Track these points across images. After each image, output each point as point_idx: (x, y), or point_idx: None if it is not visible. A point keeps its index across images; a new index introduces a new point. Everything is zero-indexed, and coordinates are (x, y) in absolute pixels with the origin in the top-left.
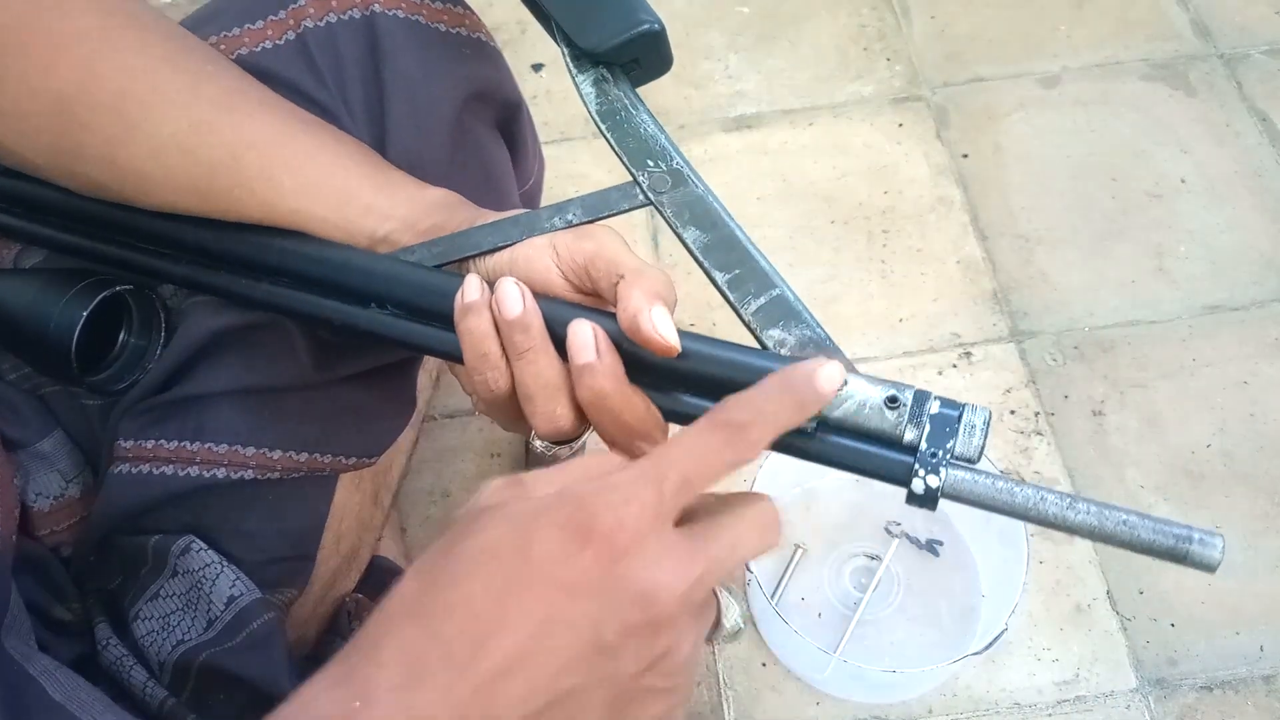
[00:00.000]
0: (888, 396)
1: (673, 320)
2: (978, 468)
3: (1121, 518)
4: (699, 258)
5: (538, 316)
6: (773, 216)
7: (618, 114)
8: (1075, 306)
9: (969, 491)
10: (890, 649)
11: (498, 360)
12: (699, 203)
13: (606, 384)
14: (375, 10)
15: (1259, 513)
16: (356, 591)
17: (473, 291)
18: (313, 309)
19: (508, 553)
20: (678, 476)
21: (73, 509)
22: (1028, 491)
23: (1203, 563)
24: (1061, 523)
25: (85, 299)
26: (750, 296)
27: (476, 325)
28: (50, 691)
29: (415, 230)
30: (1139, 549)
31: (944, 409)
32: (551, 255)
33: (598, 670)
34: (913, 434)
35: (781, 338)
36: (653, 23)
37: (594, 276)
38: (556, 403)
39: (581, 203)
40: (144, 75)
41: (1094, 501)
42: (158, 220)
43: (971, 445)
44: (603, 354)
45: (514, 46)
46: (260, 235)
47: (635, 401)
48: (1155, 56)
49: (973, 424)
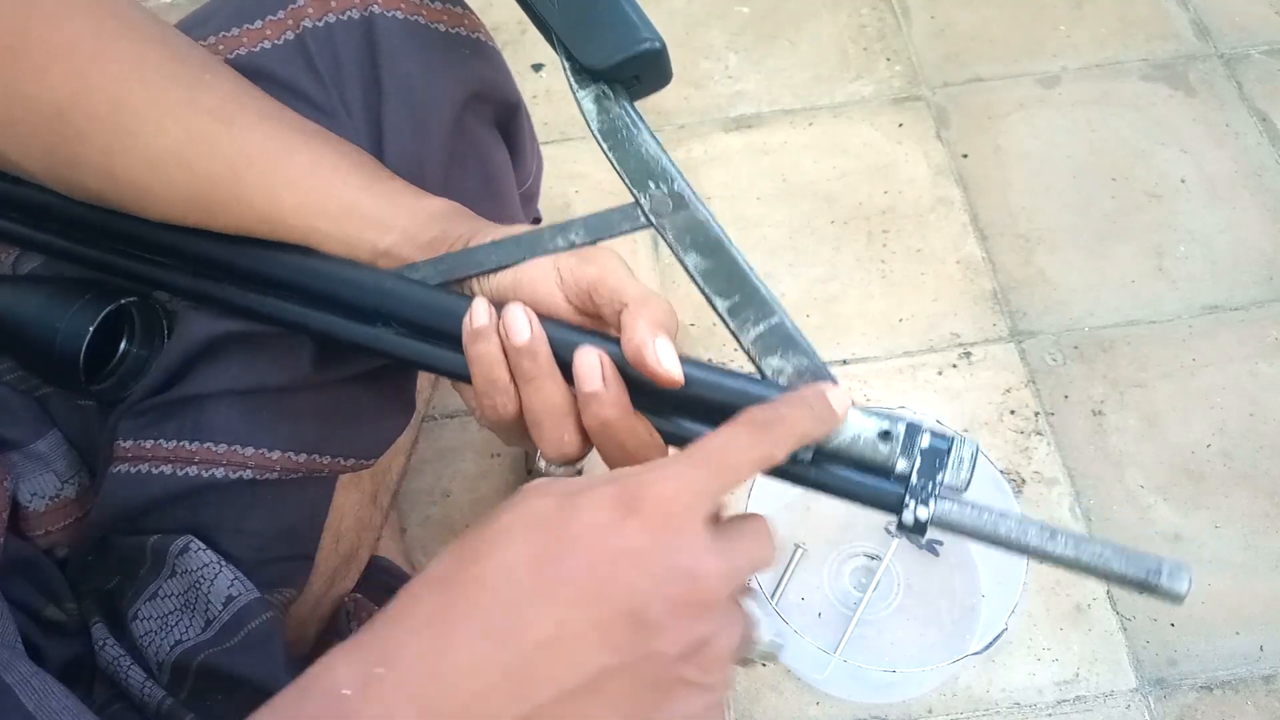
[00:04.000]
0: (881, 430)
1: (675, 350)
2: (965, 499)
3: (1097, 550)
4: (699, 283)
5: (544, 343)
6: (773, 216)
7: (619, 133)
8: (1075, 306)
9: (956, 522)
10: (890, 649)
11: (506, 386)
12: (700, 228)
13: (612, 413)
14: (374, 11)
15: (1259, 513)
16: (356, 591)
17: (481, 316)
18: (319, 325)
19: (551, 522)
20: (718, 464)
21: (68, 509)
22: (1010, 524)
23: (1170, 594)
24: (1041, 553)
25: (93, 311)
26: (749, 324)
27: (486, 351)
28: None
29: (416, 242)
30: (1113, 580)
31: (934, 443)
32: (555, 278)
33: (639, 647)
34: (904, 465)
35: (780, 366)
36: (654, 41)
37: (597, 302)
38: (564, 429)
39: (584, 224)
40: (140, 85)
41: (1072, 534)
42: (160, 230)
43: (960, 477)
44: (609, 383)
45: (514, 46)
46: (265, 249)
47: (638, 428)
48: (1155, 56)
49: (961, 458)
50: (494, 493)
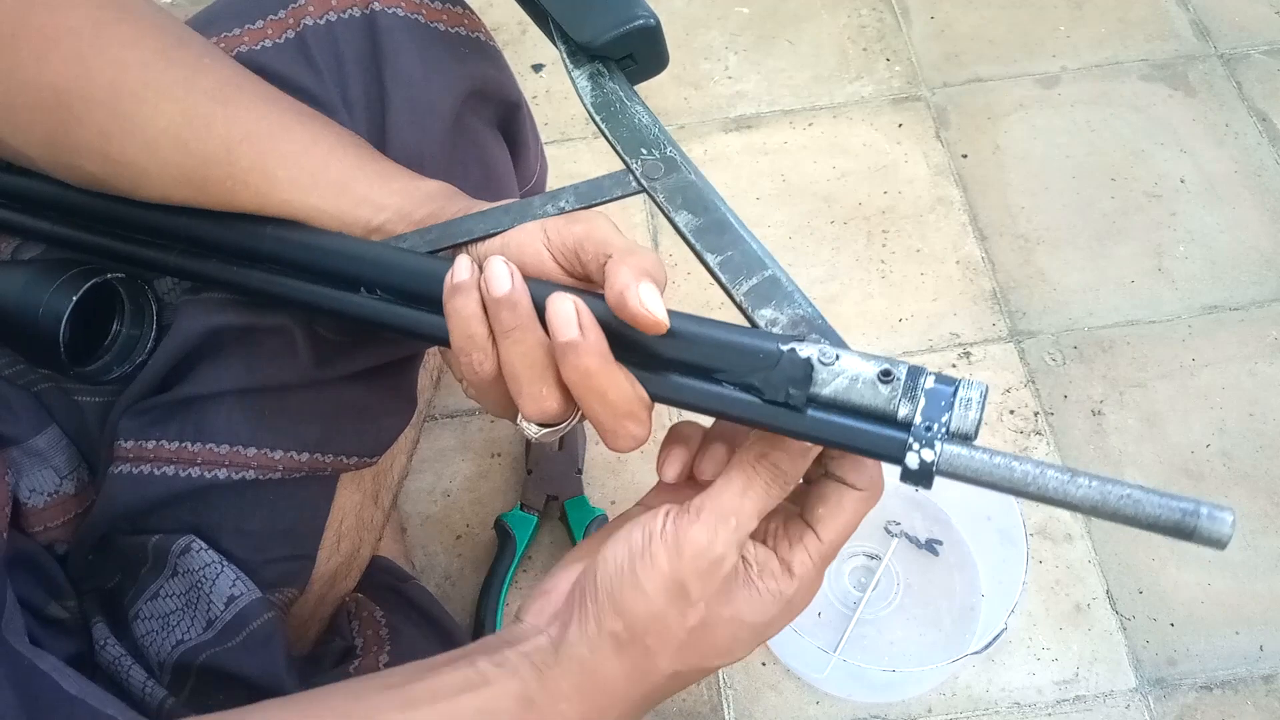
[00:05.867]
0: (881, 371)
1: (662, 298)
2: (975, 444)
3: (1125, 492)
4: (690, 240)
5: (525, 295)
6: (772, 216)
7: (612, 106)
8: (1075, 306)
9: (965, 467)
10: (890, 648)
11: (484, 342)
12: (691, 188)
13: (591, 362)
14: (375, 9)
15: (1258, 512)
16: (357, 591)
17: (462, 271)
18: (305, 295)
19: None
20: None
21: (67, 506)
22: (1027, 467)
23: (1212, 538)
24: (1063, 498)
25: (74, 286)
26: (742, 278)
27: (464, 305)
28: (65, 686)
29: (410, 221)
30: (1144, 525)
31: (939, 384)
32: (543, 239)
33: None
34: (907, 409)
35: (773, 317)
36: (648, 17)
37: (584, 259)
38: (543, 383)
39: (574, 190)
40: (137, 68)
41: (1096, 476)
42: (151, 211)
43: (968, 420)
44: (586, 330)
45: (514, 46)
46: (253, 223)
47: (620, 380)
48: (1155, 56)
49: (968, 399)
50: (494, 492)
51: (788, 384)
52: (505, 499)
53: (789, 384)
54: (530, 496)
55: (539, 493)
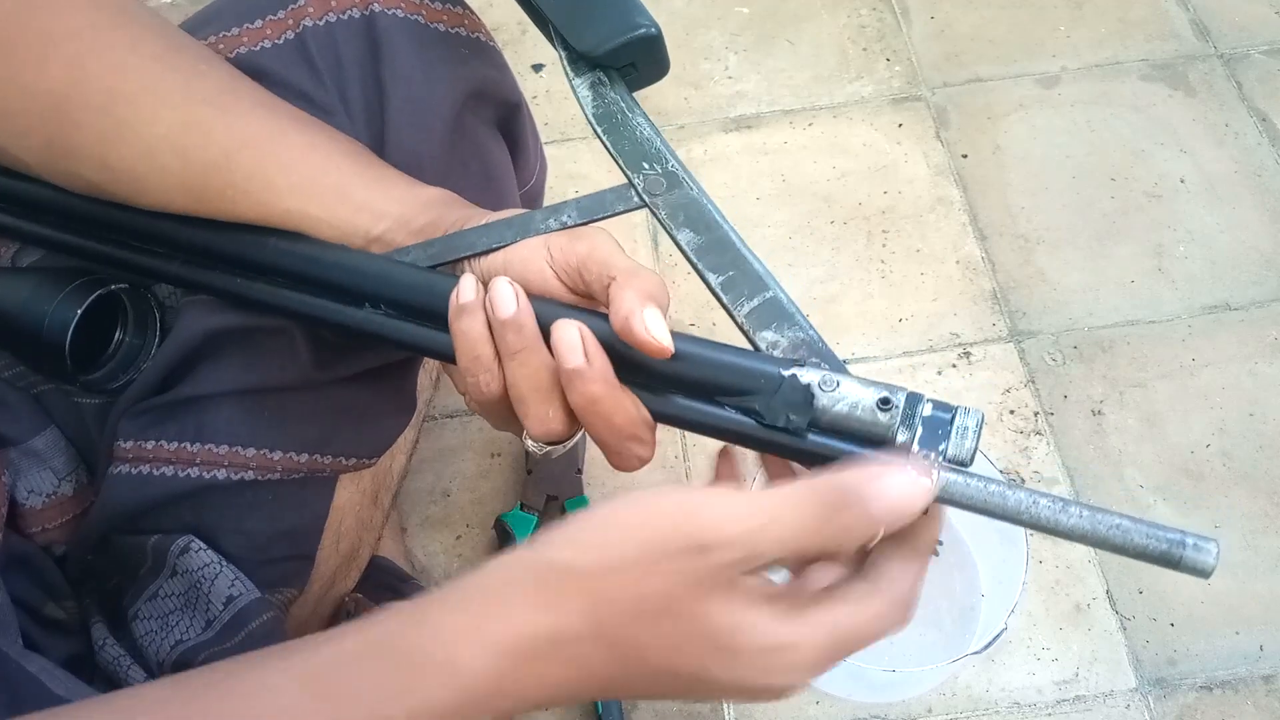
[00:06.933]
0: (880, 398)
1: (665, 322)
2: (970, 471)
3: (1115, 522)
4: (693, 260)
5: (530, 317)
6: (772, 216)
7: (614, 117)
8: (1074, 306)
9: (961, 494)
10: (890, 649)
11: (490, 363)
12: (693, 205)
13: (596, 388)
14: (375, 10)
15: (1259, 512)
16: (356, 591)
17: (468, 292)
18: (308, 308)
19: None
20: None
21: (65, 507)
22: (1020, 495)
23: (1196, 568)
24: (1054, 527)
25: (80, 297)
26: (743, 299)
27: (471, 327)
28: (52, 687)
29: (409, 229)
30: (1132, 554)
31: (936, 411)
32: (546, 256)
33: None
34: (905, 436)
35: (775, 339)
36: (649, 27)
37: (587, 279)
38: (549, 405)
39: (577, 205)
40: (136, 74)
41: (1087, 506)
42: (152, 219)
43: (964, 448)
44: (591, 357)
45: (514, 47)
46: (255, 234)
47: (626, 404)
48: (1155, 56)
49: (965, 427)
50: (494, 492)
51: (788, 409)
52: (505, 499)
53: (789, 409)
54: (530, 496)
55: (539, 493)
